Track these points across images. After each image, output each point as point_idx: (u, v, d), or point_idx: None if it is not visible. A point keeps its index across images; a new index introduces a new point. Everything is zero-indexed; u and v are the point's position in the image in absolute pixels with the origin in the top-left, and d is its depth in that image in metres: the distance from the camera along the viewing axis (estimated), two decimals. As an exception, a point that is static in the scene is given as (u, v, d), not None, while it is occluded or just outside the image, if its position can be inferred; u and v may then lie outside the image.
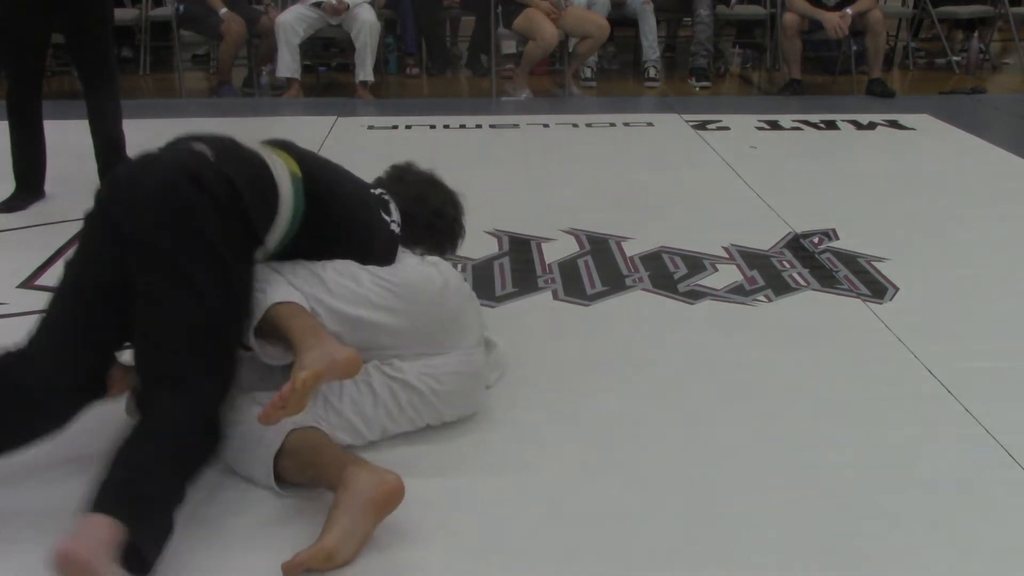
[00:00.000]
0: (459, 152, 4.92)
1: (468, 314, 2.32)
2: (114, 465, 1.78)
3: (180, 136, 2.15)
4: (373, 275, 2.19)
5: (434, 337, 2.23)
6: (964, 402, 2.43)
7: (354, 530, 1.82)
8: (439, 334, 2.24)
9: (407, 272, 2.24)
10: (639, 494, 2.06)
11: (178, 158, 2.03)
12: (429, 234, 2.51)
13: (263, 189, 2.05)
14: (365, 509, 1.84)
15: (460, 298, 2.29)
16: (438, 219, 2.53)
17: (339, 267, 2.19)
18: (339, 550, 1.80)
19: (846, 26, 6.32)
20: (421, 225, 2.48)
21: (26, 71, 3.88)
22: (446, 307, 2.25)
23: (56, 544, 1.64)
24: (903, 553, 1.88)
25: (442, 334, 2.24)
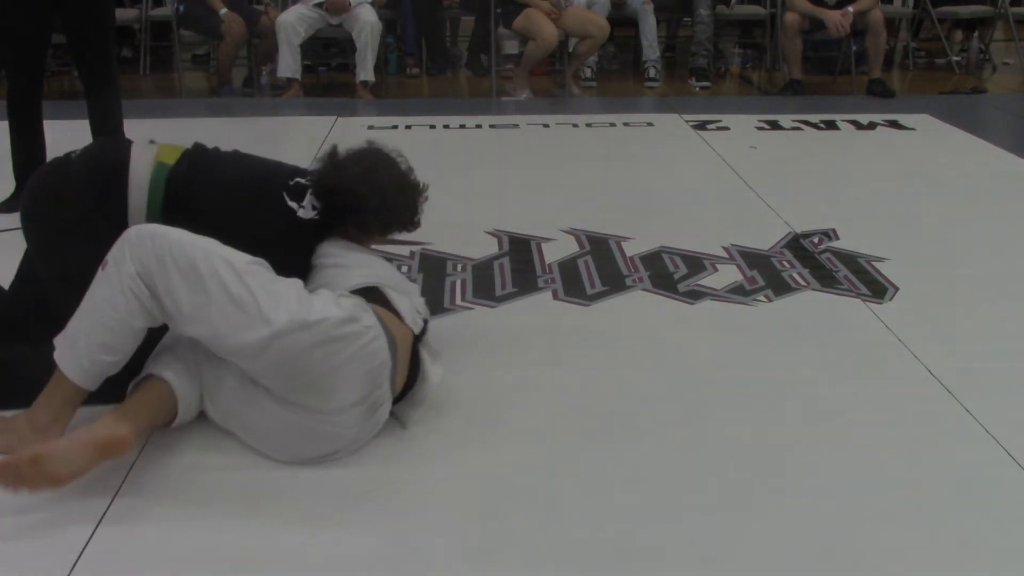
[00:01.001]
0: (459, 152, 4.92)
1: (344, 379, 2.06)
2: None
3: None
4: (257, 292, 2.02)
5: (285, 385, 2.06)
6: (964, 402, 2.43)
7: (71, 457, 1.92)
8: (292, 385, 2.06)
9: (298, 306, 2.03)
10: (639, 494, 2.06)
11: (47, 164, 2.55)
12: (354, 217, 2.45)
13: (105, 175, 2.36)
14: (87, 445, 1.93)
15: (338, 359, 2.04)
16: (357, 201, 2.43)
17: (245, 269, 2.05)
18: (47, 462, 1.89)
19: (848, 24, 6.32)
20: (340, 208, 2.44)
21: (27, 71, 3.88)
22: (310, 362, 2.03)
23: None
24: (903, 553, 1.88)
25: (295, 388, 2.06)
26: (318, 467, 2.13)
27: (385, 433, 2.27)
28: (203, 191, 2.40)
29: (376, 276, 2.35)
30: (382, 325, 2.13)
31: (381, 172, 2.50)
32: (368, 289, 2.28)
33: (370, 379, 2.10)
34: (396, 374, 2.18)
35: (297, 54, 6.45)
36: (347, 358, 2.04)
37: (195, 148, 2.51)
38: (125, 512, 1.98)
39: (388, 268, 2.51)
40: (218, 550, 1.87)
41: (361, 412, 2.12)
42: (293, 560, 1.85)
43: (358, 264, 2.41)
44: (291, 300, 2.03)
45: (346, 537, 1.91)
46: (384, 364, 2.11)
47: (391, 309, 2.24)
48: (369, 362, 2.08)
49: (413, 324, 2.29)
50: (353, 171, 2.46)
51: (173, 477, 2.10)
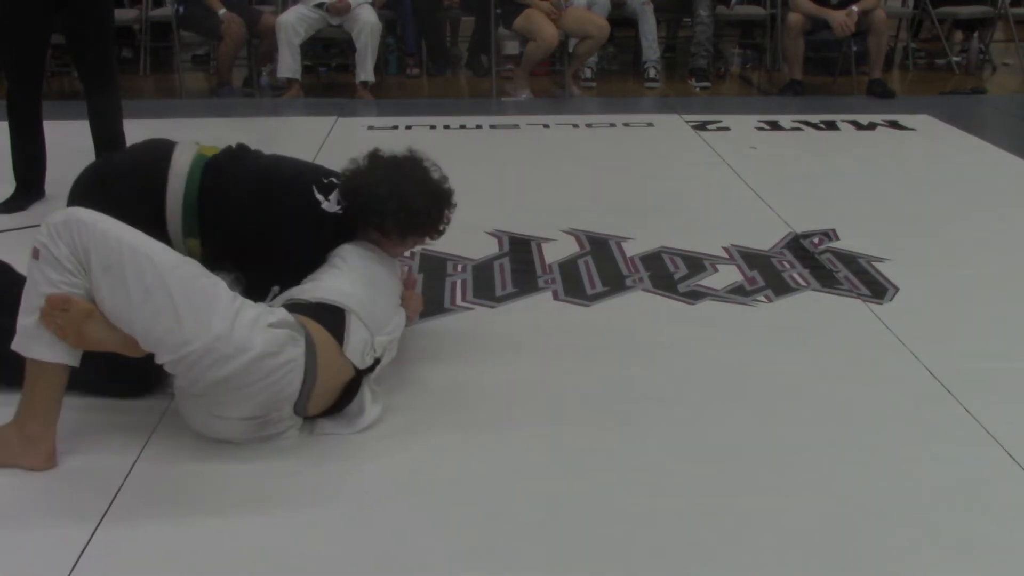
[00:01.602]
0: (459, 152, 4.91)
1: (241, 401, 2.09)
2: None
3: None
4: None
5: (187, 383, 2.09)
6: (964, 402, 2.43)
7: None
8: (193, 387, 2.09)
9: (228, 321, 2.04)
10: (639, 494, 2.06)
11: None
12: (373, 218, 2.48)
13: (148, 163, 2.60)
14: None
15: (244, 391, 2.06)
16: (377, 202, 2.46)
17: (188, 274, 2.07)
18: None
19: (853, 24, 6.32)
20: (361, 208, 2.48)
21: (26, 71, 3.88)
22: (214, 381, 2.04)
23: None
24: (903, 553, 1.88)
25: (195, 388, 2.09)
26: (318, 467, 2.13)
27: (385, 433, 2.28)
28: (236, 177, 2.58)
29: (350, 297, 2.30)
30: (307, 357, 2.12)
31: (408, 177, 2.51)
32: (332, 308, 2.26)
33: (269, 405, 2.12)
34: (311, 401, 2.17)
35: (297, 54, 6.45)
36: (253, 390, 2.06)
37: (236, 145, 2.70)
38: (125, 513, 1.98)
39: (383, 289, 2.44)
40: (218, 551, 1.87)
41: (249, 425, 2.15)
42: (293, 560, 1.85)
43: (351, 274, 2.39)
44: (213, 316, 2.01)
45: (346, 537, 1.91)
46: (290, 396, 2.12)
47: (339, 337, 2.21)
48: (274, 393, 2.10)
49: (359, 360, 2.24)
50: (379, 174, 2.49)
51: (173, 478, 2.10)
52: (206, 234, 2.56)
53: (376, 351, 2.30)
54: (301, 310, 2.23)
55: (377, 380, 2.35)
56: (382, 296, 2.42)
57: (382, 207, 2.46)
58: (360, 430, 2.26)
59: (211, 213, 2.55)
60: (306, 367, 2.12)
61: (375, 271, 2.45)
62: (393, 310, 2.45)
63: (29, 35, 3.80)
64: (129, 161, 2.73)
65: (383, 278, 2.47)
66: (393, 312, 2.44)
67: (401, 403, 2.41)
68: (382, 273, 2.48)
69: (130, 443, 2.21)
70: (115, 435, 2.25)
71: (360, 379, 2.27)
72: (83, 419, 2.30)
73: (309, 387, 2.14)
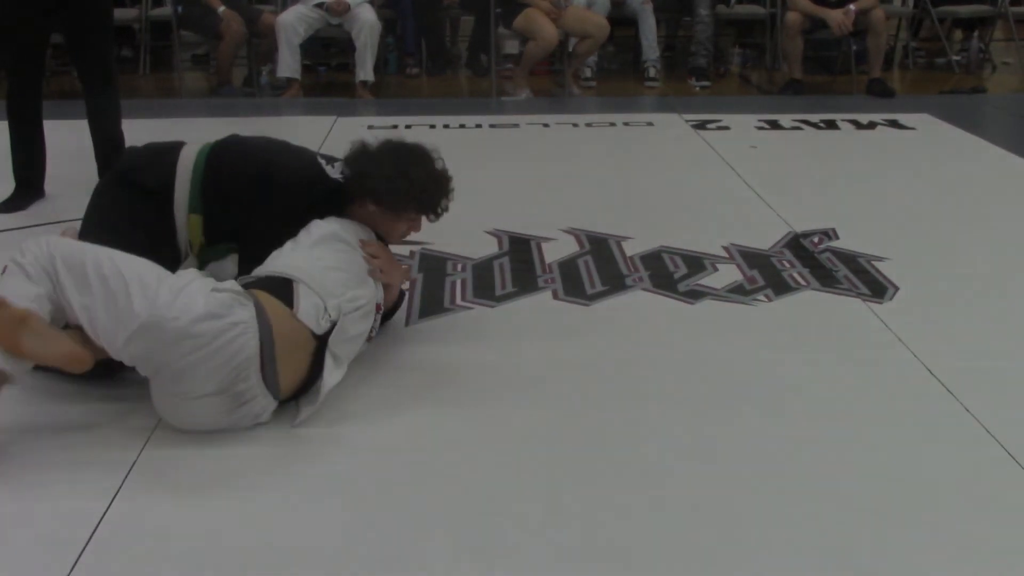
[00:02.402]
0: (459, 152, 4.89)
1: (200, 371, 2.11)
2: None
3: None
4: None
5: (150, 372, 2.16)
6: (964, 402, 2.43)
7: (45, 344, 2.08)
8: (156, 374, 2.15)
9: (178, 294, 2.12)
10: (639, 494, 2.06)
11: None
12: (371, 183, 2.53)
13: (160, 153, 2.72)
14: (61, 349, 2.10)
15: (197, 355, 2.09)
16: (378, 168, 2.54)
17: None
18: (26, 330, 2.05)
19: (850, 23, 6.32)
20: (360, 174, 2.55)
21: (26, 71, 3.88)
22: (167, 357, 2.10)
23: None
24: (903, 553, 1.88)
25: (159, 376, 2.15)
26: (317, 467, 2.13)
27: (384, 431, 2.28)
28: (243, 150, 2.72)
29: (297, 269, 2.33)
30: (260, 321, 2.15)
31: (411, 153, 2.60)
32: (279, 279, 2.30)
33: (231, 373, 2.12)
34: (279, 371, 2.19)
35: (297, 54, 6.45)
36: (205, 354, 2.09)
37: (235, 136, 2.82)
38: (124, 513, 1.98)
39: (337, 262, 2.41)
40: (218, 550, 1.87)
41: (223, 402, 2.16)
42: (293, 560, 1.85)
43: (306, 250, 2.41)
44: (160, 289, 2.11)
45: (345, 537, 1.91)
46: (250, 360, 2.13)
47: (289, 303, 2.24)
48: (229, 357, 2.11)
49: (315, 324, 2.26)
50: (384, 148, 2.60)
51: (174, 477, 2.10)
52: (208, 208, 2.63)
53: (331, 314, 2.29)
54: (249, 284, 2.30)
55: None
56: (335, 270, 2.39)
57: (379, 171, 2.52)
58: (322, 399, 2.27)
59: (216, 186, 2.62)
60: (261, 329, 2.14)
61: (335, 248, 2.44)
62: (354, 282, 2.41)
63: (29, 35, 3.80)
64: (144, 151, 2.81)
65: (341, 253, 2.45)
66: (355, 284, 2.41)
67: (400, 401, 2.41)
68: (342, 248, 2.46)
69: (131, 441, 2.21)
70: (116, 431, 2.25)
71: (323, 346, 2.28)
72: (83, 417, 2.31)
73: (269, 350, 2.15)
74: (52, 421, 2.30)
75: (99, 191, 2.78)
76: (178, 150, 2.70)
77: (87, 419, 2.31)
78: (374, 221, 2.58)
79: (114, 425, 2.28)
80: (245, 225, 2.63)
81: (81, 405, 2.36)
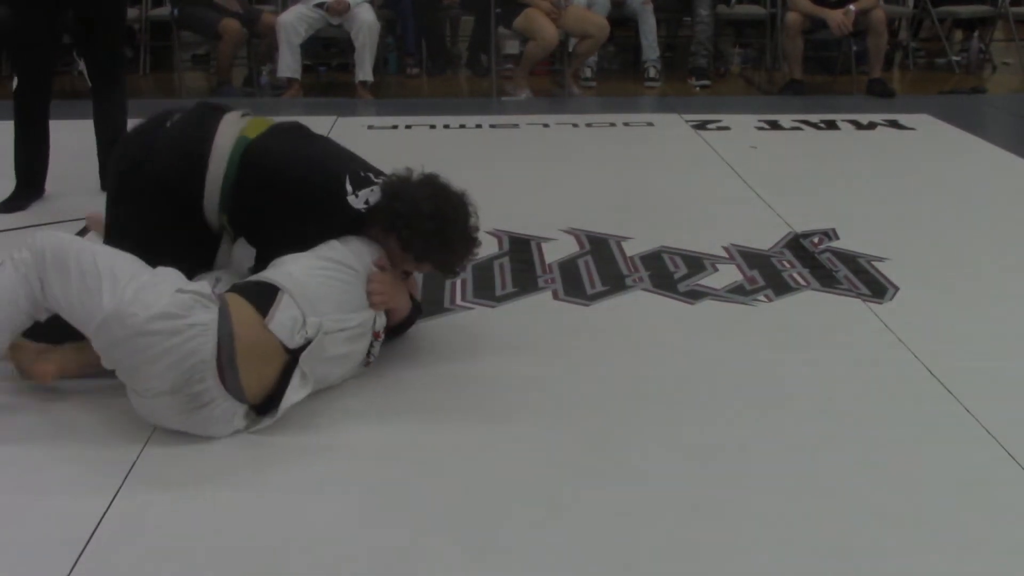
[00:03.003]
0: (459, 152, 4.92)
1: (154, 368, 2.11)
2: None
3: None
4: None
5: (114, 366, 2.19)
6: (964, 402, 2.43)
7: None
8: (118, 368, 2.19)
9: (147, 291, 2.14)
10: (639, 494, 2.06)
11: (140, 126, 2.73)
12: (404, 229, 2.47)
13: (189, 141, 2.58)
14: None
15: (151, 351, 2.10)
16: (415, 216, 2.46)
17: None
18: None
19: (850, 23, 6.33)
20: (395, 213, 2.47)
21: (36, 70, 3.87)
22: (124, 352, 2.14)
23: None
24: (903, 553, 1.88)
25: (121, 370, 2.19)
26: (317, 467, 2.13)
27: (384, 431, 2.28)
28: (275, 159, 2.60)
29: (289, 278, 2.30)
30: (221, 325, 2.14)
31: (454, 208, 2.53)
32: (266, 285, 2.30)
33: (184, 373, 2.11)
34: (241, 377, 2.17)
35: (297, 54, 6.45)
36: (157, 352, 2.10)
37: (286, 123, 2.77)
38: (124, 513, 1.98)
39: (338, 284, 2.37)
40: (218, 550, 1.87)
41: (179, 401, 2.14)
42: (293, 561, 1.85)
43: (310, 261, 2.38)
44: (128, 285, 2.13)
45: (345, 537, 1.91)
46: (205, 363, 2.12)
47: (264, 312, 2.22)
48: (182, 358, 2.11)
49: (287, 337, 2.23)
50: (426, 190, 2.51)
51: (174, 477, 2.10)
52: (234, 210, 2.57)
53: (308, 331, 2.26)
54: (234, 288, 2.31)
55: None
56: (330, 289, 2.35)
57: (419, 223, 2.46)
58: (279, 415, 2.24)
59: (243, 192, 2.56)
60: (220, 334, 2.14)
61: (340, 271, 2.39)
62: (348, 306, 2.37)
63: (40, 34, 3.79)
64: (169, 143, 2.61)
65: (345, 276, 2.40)
66: (348, 308, 2.36)
67: (400, 402, 2.41)
68: (348, 274, 2.40)
69: (131, 440, 2.21)
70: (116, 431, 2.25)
71: (295, 362, 2.26)
72: (81, 415, 2.31)
73: (228, 355, 2.14)
74: (51, 421, 2.30)
75: (123, 186, 2.67)
76: (210, 141, 2.55)
77: (87, 419, 2.31)
78: (389, 250, 2.54)
79: (114, 424, 2.28)
80: (263, 228, 2.59)
81: (80, 406, 2.36)
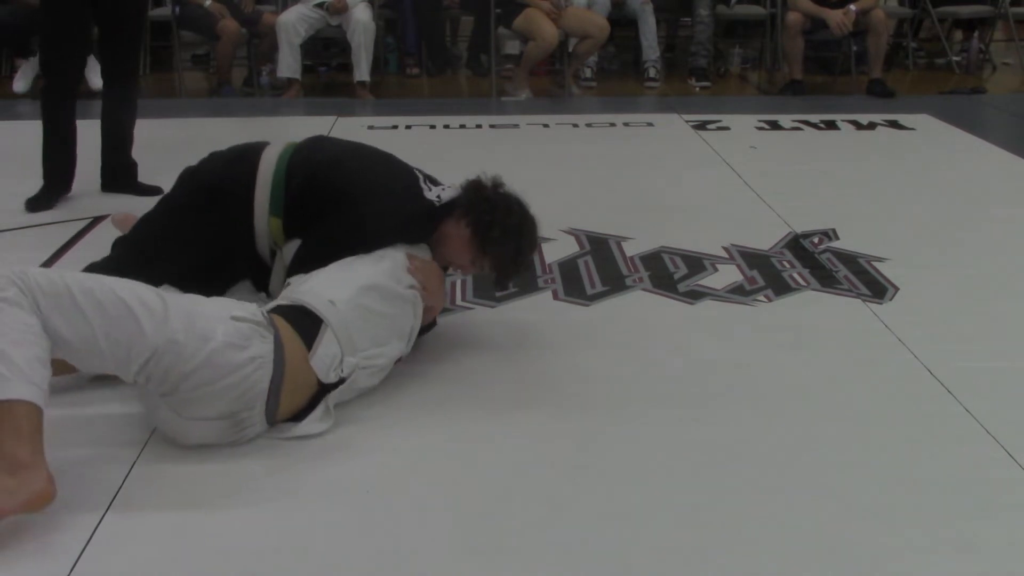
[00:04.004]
0: (459, 152, 4.92)
1: (212, 398, 2.07)
2: None
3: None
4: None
5: (158, 388, 2.07)
6: (964, 402, 2.43)
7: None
8: (164, 391, 2.07)
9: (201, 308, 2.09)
10: (639, 494, 2.06)
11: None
12: (484, 228, 2.54)
13: (241, 156, 2.67)
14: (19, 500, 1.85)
15: (215, 386, 2.05)
16: (503, 228, 2.55)
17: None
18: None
19: (850, 23, 6.33)
20: (480, 215, 2.55)
21: (68, 70, 3.86)
22: (185, 381, 2.04)
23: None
24: (903, 553, 1.88)
25: (166, 393, 2.07)
26: (317, 468, 2.13)
27: (384, 434, 2.28)
28: (330, 150, 2.69)
29: (334, 312, 2.26)
30: (276, 357, 2.11)
31: (532, 226, 2.65)
32: (312, 315, 2.24)
33: (237, 402, 2.10)
34: (279, 406, 2.17)
35: (297, 54, 6.45)
36: (221, 387, 2.05)
37: (323, 138, 2.88)
38: (125, 513, 1.98)
39: (378, 317, 2.36)
40: (216, 551, 1.87)
41: (223, 426, 2.12)
42: (293, 561, 1.85)
43: (364, 286, 2.34)
44: (169, 312, 2.01)
45: (345, 537, 1.92)
46: (259, 393, 2.11)
47: (308, 344, 2.21)
48: (243, 392, 2.09)
49: (323, 373, 2.22)
50: (516, 201, 2.63)
51: (172, 482, 2.10)
52: (289, 208, 2.58)
53: (344, 371, 2.26)
54: (280, 311, 2.25)
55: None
56: (372, 324, 2.34)
57: (505, 215, 2.55)
58: (291, 437, 2.21)
59: (297, 189, 2.57)
60: (275, 366, 2.11)
61: (384, 296, 2.38)
62: (384, 336, 2.37)
63: (71, 35, 3.79)
64: (226, 150, 2.75)
65: (387, 302, 2.39)
66: (384, 339, 2.37)
67: (400, 401, 2.41)
68: (390, 300, 2.40)
69: (131, 440, 2.22)
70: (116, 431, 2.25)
71: (323, 394, 2.25)
72: (78, 424, 2.31)
73: (277, 386, 2.13)
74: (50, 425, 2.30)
75: (173, 196, 2.71)
76: (260, 151, 2.65)
77: (84, 424, 2.31)
78: (449, 239, 2.58)
79: (114, 425, 2.29)
80: (316, 229, 2.56)
81: (79, 410, 2.36)
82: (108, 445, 2.21)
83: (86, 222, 3.73)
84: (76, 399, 2.39)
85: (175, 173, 2.77)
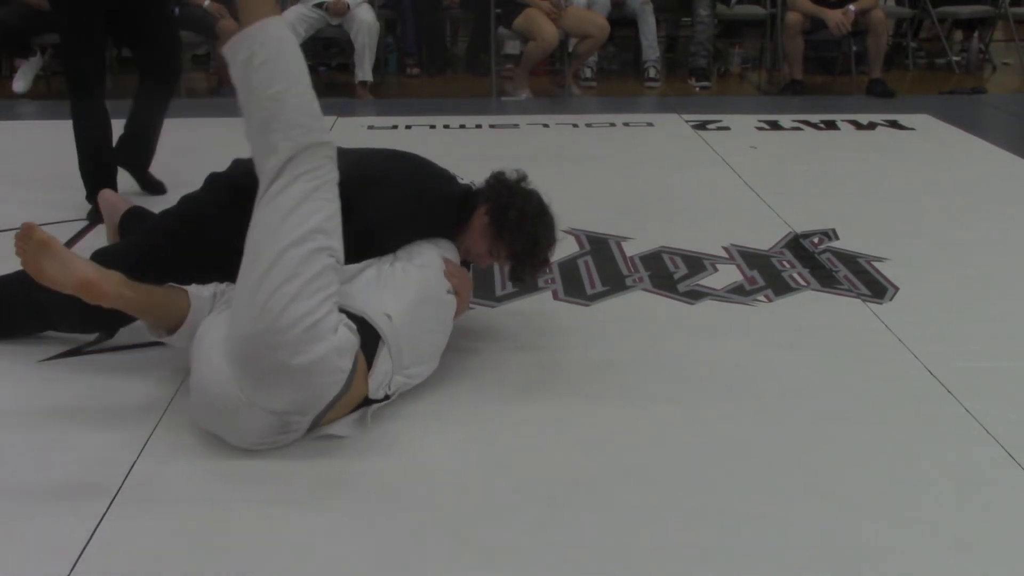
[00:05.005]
0: (459, 152, 4.92)
1: (283, 389, 2.05)
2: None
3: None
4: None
5: (239, 355, 2.05)
6: (964, 402, 2.43)
7: (64, 268, 2.11)
8: (243, 363, 2.05)
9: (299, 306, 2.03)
10: (639, 494, 2.06)
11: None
12: (506, 232, 2.56)
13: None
14: (77, 274, 2.11)
15: (313, 370, 2.04)
16: (524, 234, 2.57)
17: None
18: (46, 255, 2.11)
19: (849, 23, 6.33)
20: (504, 213, 2.57)
21: (91, 68, 3.80)
22: (277, 362, 2.01)
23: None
24: (903, 553, 1.88)
25: (244, 366, 2.05)
26: (317, 468, 2.13)
27: (384, 434, 2.27)
28: (352, 152, 2.58)
29: (390, 328, 2.25)
30: (352, 370, 2.11)
31: (552, 225, 2.66)
32: (372, 330, 2.23)
33: (301, 404, 2.09)
34: (327, 415, 2.16)
35: (297, 54, 6.44)
36: (306, 381, 2.04)
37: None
38: (124, 513, 1.98)
39: (429, 332, 2.40)
40: (217, 551, 1.87)
41: (273, 422, 2.10)
42: (292, 560, 1.85)
43: (419, 299, 2.35)
44: (294, 299, 2.01)
45: (345, 537, 1.92)
46: (325, 401, 2.11)
47: (369, 360, 2.20)
48: (316, 397, 2.09)
49: (374, 389, 2.23)
50: (534, 199, 2.65)
51: (173, 482, 2.10)
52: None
53: (390, 389, 2.27)
54: (351, 317, 2.21)
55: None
56: (419, 340, 2.35)
57: (527, 202, 2.59)
58: (316, 435, 2.20)
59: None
60: (347, 380, 2.11)
61: (437, 308, 2.42)
62: (428, 354, 2.39)
63: (90, 46, 3.74)
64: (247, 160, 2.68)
65: (440, 313, 2.43)
66: (427, 357, 2.39)
67: (399, 401, 2.41)
68: (443, 310, 2.44)
69: (131, 440, 2.22)
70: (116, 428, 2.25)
71: (364, 405, 2.25)
72: (83, 412, 2.31)
73: (337, 399, 2.13)
74: (48, 423, 2.30)
75: (194, 194, 2.71)
76: None
77: (85, 424, 2.31)
78: (471, 229, 2.60)
79: (114, 424, 2.29)
80: (354, 215, 2.47)
81: (79, 410, 2.36)
82: (108, 445, 2.21)
83: (86, 222, 3.72)
84: (76, 398, 2.39)
85: (175, 173, 2.79)
